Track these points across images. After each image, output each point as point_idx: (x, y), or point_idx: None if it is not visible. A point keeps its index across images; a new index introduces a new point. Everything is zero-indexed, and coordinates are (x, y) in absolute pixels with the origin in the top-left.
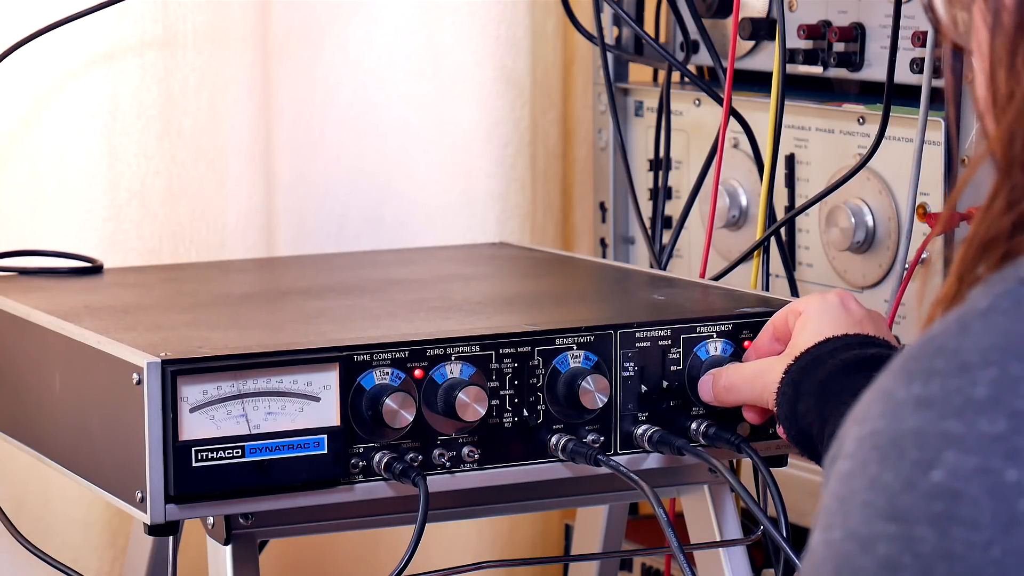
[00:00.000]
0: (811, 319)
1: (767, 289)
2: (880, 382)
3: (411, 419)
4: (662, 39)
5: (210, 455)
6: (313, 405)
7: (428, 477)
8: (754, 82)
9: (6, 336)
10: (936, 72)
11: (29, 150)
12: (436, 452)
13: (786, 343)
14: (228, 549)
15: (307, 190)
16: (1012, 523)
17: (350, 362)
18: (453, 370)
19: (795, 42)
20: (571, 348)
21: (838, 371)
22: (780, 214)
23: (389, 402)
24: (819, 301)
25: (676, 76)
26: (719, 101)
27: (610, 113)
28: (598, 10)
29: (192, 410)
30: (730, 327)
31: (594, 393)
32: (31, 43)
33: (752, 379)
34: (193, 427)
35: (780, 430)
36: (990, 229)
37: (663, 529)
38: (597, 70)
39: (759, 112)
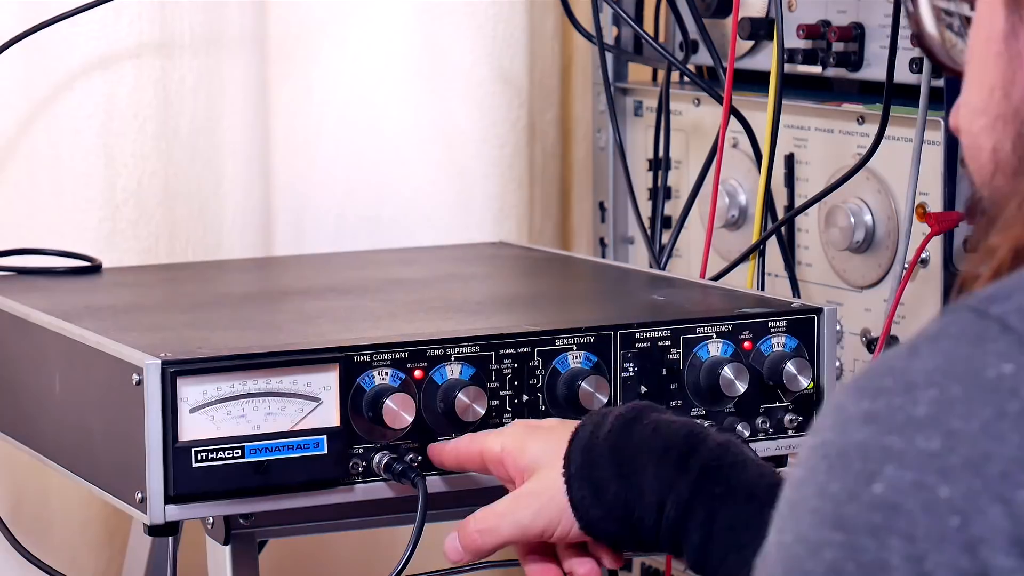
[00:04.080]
0: (518, 438)
1: (763, 289)
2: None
3: (411, 420)
4: (661, 39)
5: (210, 455)
6: (313, 405)
7: (428, 477)
8: (754, 82)
9: (6, 336)
10: (935, 72)
11: (26, 150)
12: None
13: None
14: (228, 549)
15: (304, 190)
16: (943, 539)
17: (350, 362)
18: (453, 370)
19: (794, 42)
20: (571, 349)
21: (615, 437)
22: (780, 214)
23: (389, 403)
24: (509, 432)
25: (676, 76)
26: (719, 100)
27: (609, 113)
28: (597, 10)
29: (192, 410)
30: (730, 327)
31: (594, 393)
32: (29, 44)
33: (521, 508)
34: (193, 427)
35: (581, 537)
36: None
37: None
38: (596, 70)
39: (759, 112)
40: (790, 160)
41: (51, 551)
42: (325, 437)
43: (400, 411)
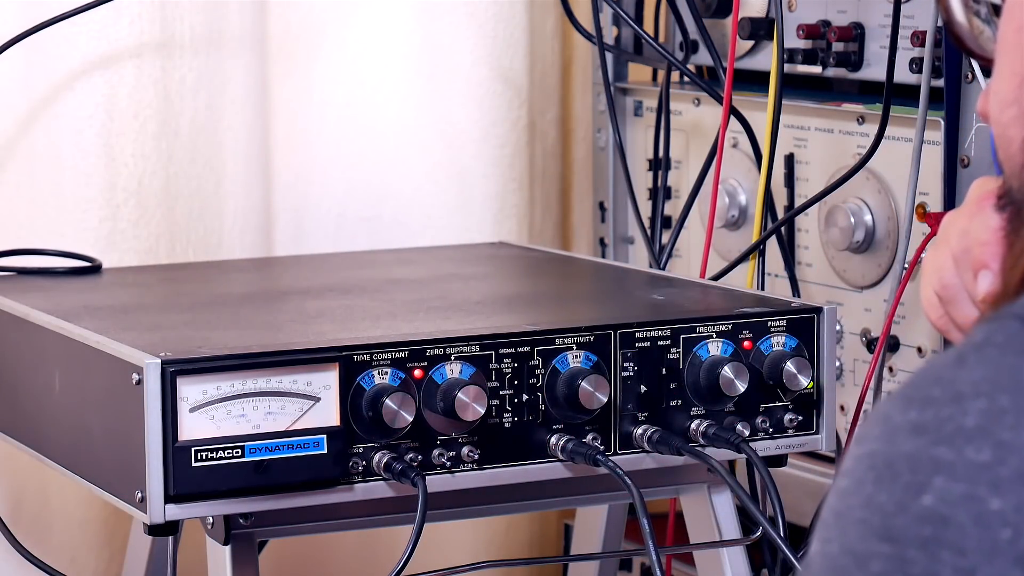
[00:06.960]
0: None
1: (763, 289)
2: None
3: (411, 419)
4: (661, 39)
5: (210, 455)
6: (313, 405)
7: (428, 477)
8: (754, 82)
9: (6, 336)
10: (935, 72)
11: (26, 150)
12: (436, 452)
13: None
14: (228, 549)
15: (304, 190)
16: (995, 552)
17: (350, 362)
18: (453, 370)
19: (794, 42)
20: (571, 348)
21: None
22: (780, 214)
23: (389, 402)
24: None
25: (676, 76)
26: (719, 100)
27: (609, 113)
28: (597, 9)
29: (192, 410)
30: (729, 327)
31: (594, 393)
32: (29, 44)
33: None
34: (193, 427)
35: None
36: None
37: (644, 539)
38: (596, 70)
39: (759, 112)
40: (790, 160)
41: (51, 551)
42: (325, 437)
43: (400, 410)
